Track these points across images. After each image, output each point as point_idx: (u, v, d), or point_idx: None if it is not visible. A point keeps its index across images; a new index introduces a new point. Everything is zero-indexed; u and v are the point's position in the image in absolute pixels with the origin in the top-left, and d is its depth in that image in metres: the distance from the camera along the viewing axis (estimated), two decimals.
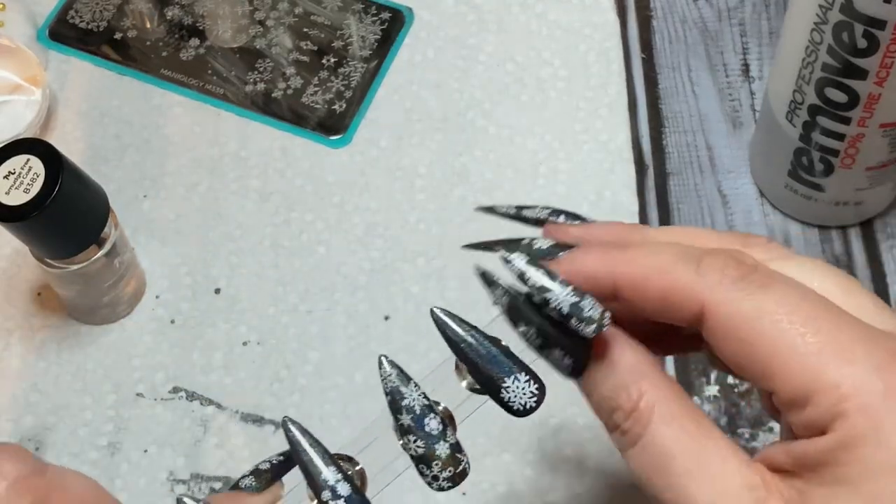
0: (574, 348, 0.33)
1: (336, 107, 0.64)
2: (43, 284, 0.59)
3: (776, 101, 0.56)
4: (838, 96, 0.52)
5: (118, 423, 0.55)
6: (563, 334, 0.32)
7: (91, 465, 0.54)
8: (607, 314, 0.32)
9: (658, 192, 0.62)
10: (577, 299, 0.32)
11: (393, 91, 0.65)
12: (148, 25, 0.67)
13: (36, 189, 0.50)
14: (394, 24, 0.67)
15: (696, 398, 0.56)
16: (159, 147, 0.63)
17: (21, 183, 0.50)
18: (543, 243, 0.36)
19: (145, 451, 0.55)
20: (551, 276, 0.32)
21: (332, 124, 0.64)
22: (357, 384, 0.56)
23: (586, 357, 0.33)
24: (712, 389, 0.56)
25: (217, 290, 0.59)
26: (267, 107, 0.64)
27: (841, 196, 0.58)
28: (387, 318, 0.58)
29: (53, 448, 0.55)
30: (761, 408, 0.35)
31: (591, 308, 0.32)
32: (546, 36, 0.66)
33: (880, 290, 0.59)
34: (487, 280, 0.34)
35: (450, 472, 0.35)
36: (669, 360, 0.57)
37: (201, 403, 0.56)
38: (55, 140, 0.63)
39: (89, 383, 0.56)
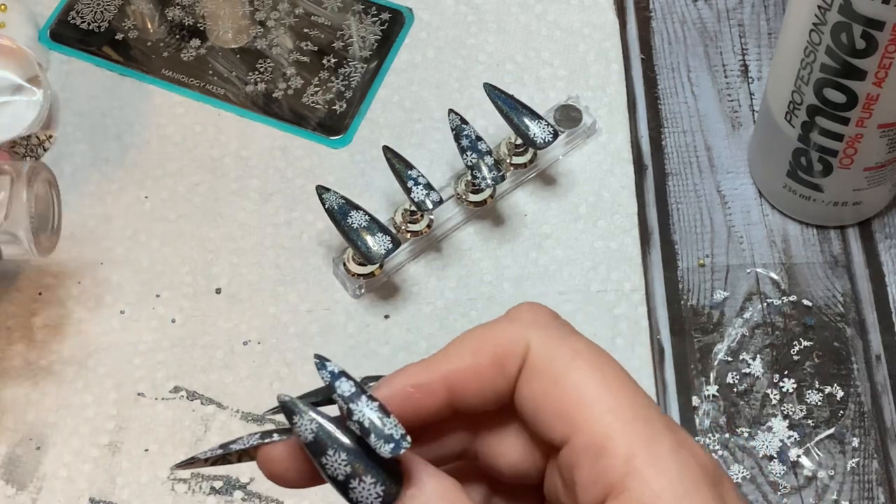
0: (384, 476, 0.31)
1: (336, 107, 0.64)
2: (44, 284, 0.59)
3: (775, 101, 0.56)
4: (837, 97, 0.52)
5: (119, 422, 0.56)
6: (374, 460, 0.31)
7: (92, 464, 0.54)
8: (407, 437, 0.31)
9: (657, 193, 0.62)
10: (380, 414, 0.31)
11: (393, 91, 0.65)
12: (149, 26, 0.67)
13: None
14: (394, 25, 0.67)
15: (695, 398, 0.56)
16: (160, 147, 0.63)
17: None
18: (348, 383, 0.33)
19: (146, 449, 0.55)
20: (360, 388, 0.31)
21: (333, 124, 0.64)
22: None
23: (397, 489, 0.31)
24: (711, 389, 0.56)
25: (218, 290, 0.59)
26: (267, 107, 0.64)
27: (839, 196, 0.58)
28: (386, 317, 0.58)
29: (55, 446, 0.55)
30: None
31: (391, 427, 0.31)
32: (545, 36, 0.67)
33: (879, 289, 0.59)
34: (290, 409, 0.31)
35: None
36: (668, 359, 0.57)
37: (202, 402, 0.56)
38: (56, 140, 0.63)
39: (90, 382, 0.57)
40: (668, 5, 0.68)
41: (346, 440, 0.31)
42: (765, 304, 0.58)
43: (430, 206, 0.56)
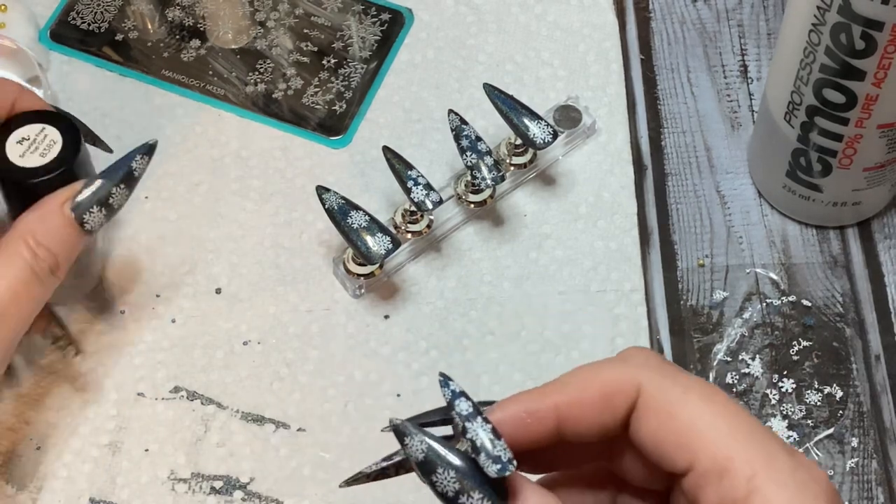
0: (493, 494, 0.34)
1: (336, 107, 0.64)
2: None
3: (774, 101, 0.56)
4: (836, 97, 0.52)
5: (119, 422, 0.56)
6: (481, 477, 0.34)
7: (92, 464, 0.54)
8: (514, 460, 0.33)
9: (657, 193, 0.62)
10: (492, 436, 0.33)
11: (393, 92, 0.65)
12: (149, 27, 0.67)
13: (53, 154, 0.51)
14: (393, 25, 0.67)
15: None
16: (160, 147, 0.63)
17: (36, 148, 0.51)
18: (466, 406, 0.36)
19: (146, 449, 0.55)
20: (477, 409, 0.34)
21: (333, 125, 0.64)
22: (357, 382, 0.56)
23: (503, 502, 0.34)
24: None
25: (218, 290, 0.59)
26: (267, 107, 0.64)
27: (839, 196, 0.58)
28: (386, 317, 0.58)
29: (55, 446, 0.55)
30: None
31: (500, 449, 0.33)
32: (545, 36, 0.67)
33: (878, 289, 0.59)
34: (401, 432, 0.34)
35: None
36: (668, 359, 0.57)
37: (202, 402, 0.56)
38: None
39: (90, 382, 0.57)
40: (668, 6, 0.68)
41: (455, 460, 0.34)
42: (764, 304, 0.58)
43: (429, 206, 0.57)
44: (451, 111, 0.60)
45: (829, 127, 0.54)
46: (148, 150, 0.51)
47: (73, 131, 0.52)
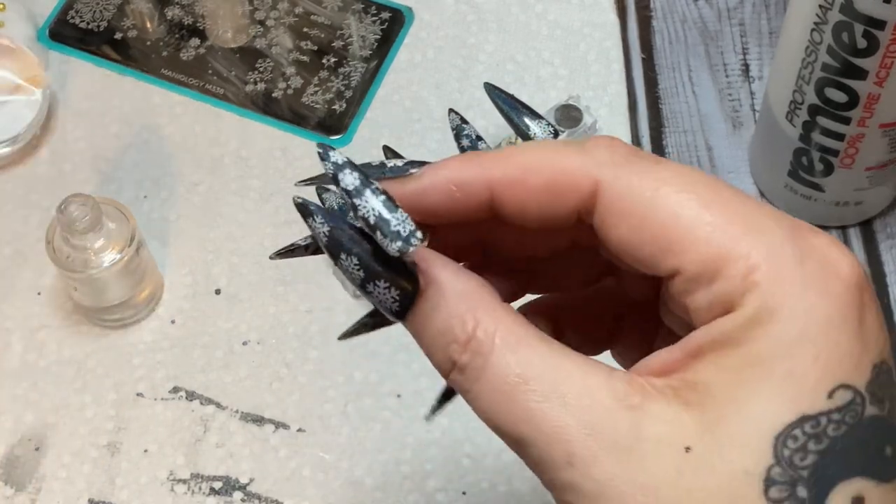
0: (397, 279, 0.29)
1: (336, 106, 0.64)
2: (43, 284, 0.59)
3: (776, 101, 0.56)
4: (838, 96, 0.52)
5: (118, 423, 0.55)
6: (386, 264, 0.29)
7: (91, 464, 0.54)
8: (418, 233, 0.28)
9: None
10: (387, 211, 0.28)
11: (393, 91, 0.65)
12: (148, 25, 0.67)
13: None
14: (394, 24, 0.67)
15: None
16: (159, 147, 0.63)
17: None
18: (398, 161, 0.32)
19: (145, 450, 0.55)
20: (365, 180, 0.29)
21: (333, 124, 0.64)
22: (357, 383, 0.56)
23: (413, 290, 0.29)
24: None
25: (217, 291, 0.59)
26: (267, 107, 0.64)
27: (841, 196, 0.58)
28: None
29: (54, 447, 0.55)
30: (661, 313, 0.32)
31: (399, 223, 0.28)
32: (546, 36, 0.66)
33: (880, 290, 0.59)
34: (305, 210, 0.29)
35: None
36: None
37: (201, 403, 0.56)
38: (56, 140, 0.63)
39: (89, 382, 0.56)
40: (669, 5, 0.67)
41: (354, 244, 0.29)
42: None
43: None
44: (451, 110, 0.59)
45: (831, 126, 0.54)
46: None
47: None
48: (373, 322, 0.32)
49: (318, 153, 0.29)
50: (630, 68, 0.65)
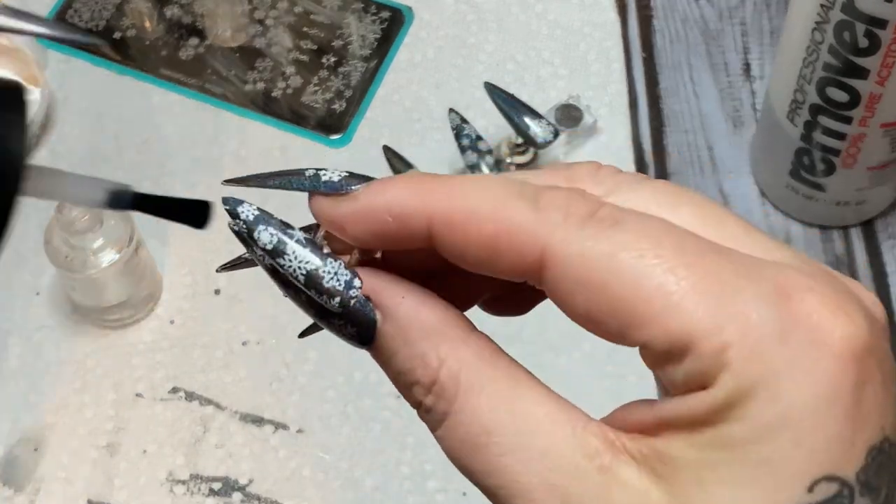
0: (353, 314, 0.26)
1: (336, 106, 0.64)
2: (42, 284, 0.59)
3: (777, 100, 0.56)
4: (840, 96, 0.52)
5: (117, 423, 0.55)
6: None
7: (90, 465, 0.54)
8: (356, 282, 0.26)
9: None
10: (314, 266, 0.26)
11: (393, 90, 0.65)
12: (147, 25, 0.67)
13: None
14: (394, 24, 0.67)
15: None
16: (158, 147, 0.63)
17: None
18: (335, 174, 0.28)
19: (144, 450, 0.55)
20: (284, 232, 0.27)
21: (332, 123, 0.63)
22: (356, 383, 0.56)
23: (371, 324, 0.27)
24: None
25: (217, 291, 0.59)
26: (266, 106, 0.64)
27: (842, 196, 0.58)
28: None
29: (52, 447, 0.55)
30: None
31: (331, 277, 0.26)
32: (546, 35, 0.66)
33: (881, 289, 0.58)
34: (246, 236, 0.27)
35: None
36: None
37: (200, 403, 0.56)
38: (54, 140, 0.63)
39: (88, 383, 0.56)
40: (670, 4, 0.67)
41: (297, 288, 0.26)
42: None
43: None
44: (451, 110, 0.60)
45: (832, 126, 0.54)
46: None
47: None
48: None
49: (226, 210, 0.27)
50: (630, 68, 0.65)
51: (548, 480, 0.24)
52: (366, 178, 0.28)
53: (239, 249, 0.29)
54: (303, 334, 0.31)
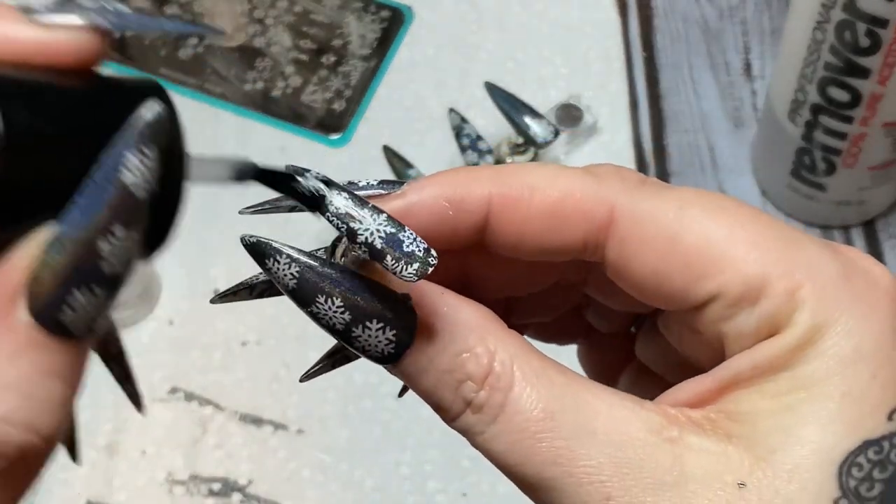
0: (396, 315, 0.25)
1: (335, 105, 0.64)
2: None
3: (778, 100, 0.56)
4: (841, 95, 0.52)
5: (116, 424, 0.55)
6: (380, 297, 0.25)
7: (89, 466, 0.54)
8: (433, 251, 0.24)
9: None
10: (394, 229, 0.24)
11: (393, 90, 0.65)
12: None
13: None
14: (393, 23, 0.67)
15: None
16: None
17: None
18: (369, 179, 0.27)
19: (143, 451, 0.55)
20: (359, 201, 0.25)
21: (332, 123, 0.63)
22: (356, 384, 0.56)
23: (413, 327, 0.25)
24: None
25: (216, 291, 0.59)
26: (266, 106, 0.64)
27: (843, 195, 0.58)
28: None
29: None
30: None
31: (411, 242, 0.24)
32: (547, 34, 0.66)
33: None
34: (261, 251, 0.26)
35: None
36: None
37: (199, 403, 0.56)
38: None
39: (86, 383, 0.56)
40: (671, 3, 0.67)
41: (334, 284, 0.25)
42: None
43: None
44: (451, 110, 0.60)
45: (833, 125, 0.54)
46: None
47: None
48: (332, 363, 0.29)
49: (292, 173, 0.26)
50: (631, 67, 0.65)
51: (616, 458, 0.24)
52: (397, 182, 0.27)
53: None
54: (306, 377, 0.30)
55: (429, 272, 0.24)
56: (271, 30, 0.66)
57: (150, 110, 0.25)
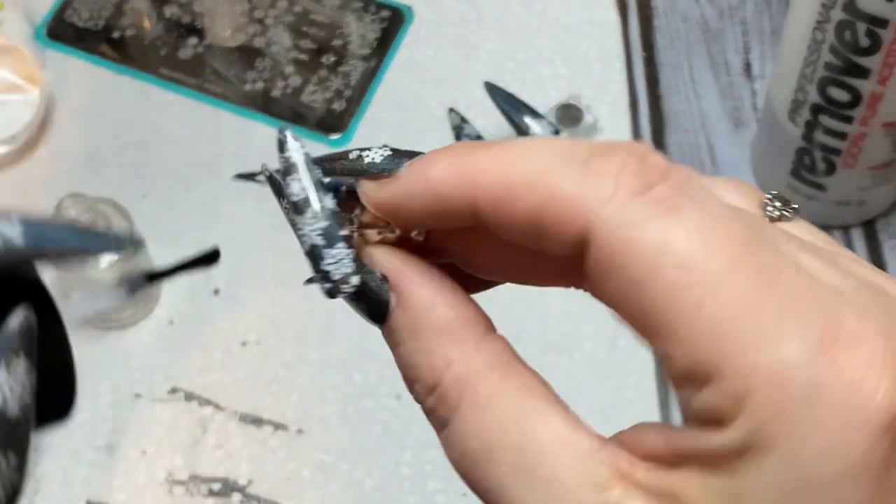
0: (365, 294, 0.25)
1: (335, 105, 0.64)
2: None
3: (778, 100, 0.56)
4: (841, 95, 0.52)
5: (116, 424, 0.55)
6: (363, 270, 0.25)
7: (89, 466, 0.54)
8: (351, 280, 0.24)
9: None
10: (322, 242, 0.24)
11: (392, 90, 0.65)
12: (146, 24, 0.67)
13: None
14: (393, 23, 0.67)
15: None
16: (158, 147, 0.63)
17: None
18: (377, 155, 0.28)
19: (143, 451, 0.54)
20: (321, 185, 0.25)
21: (332, 123, 0.63)
22: (356, 384, 0.56)
23: (385, 304, 0.25)
24: None
25: (216, 291, 0.58)
26: (266, 106, 0.64)
27: (843, 196, 0.58)
28: None
29: (51, 448, 0.54)
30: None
31: (332, 261, 0.24)
32: (547, 34, 0.66)
33: None
34: (279, 178, 0.26)
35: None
36: None
37: (199, 404, 0.56)
38: (53, 139, 0.63)
39: (87, 383, 0.56)
40: (671, 3, 0.67)
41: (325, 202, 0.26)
42: None
43: None
44: (451, 110, 0.60)
45: (833, 125, 0.54)
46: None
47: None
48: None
49: (278, 139, 0.26)
50: (631, 67, 0.65)
51: None
52: (411, 154, 0.26)
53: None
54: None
55: (336, 298, 0.24)
56: (271, 30, 0.66)
57: (17, 317, 0.24)
